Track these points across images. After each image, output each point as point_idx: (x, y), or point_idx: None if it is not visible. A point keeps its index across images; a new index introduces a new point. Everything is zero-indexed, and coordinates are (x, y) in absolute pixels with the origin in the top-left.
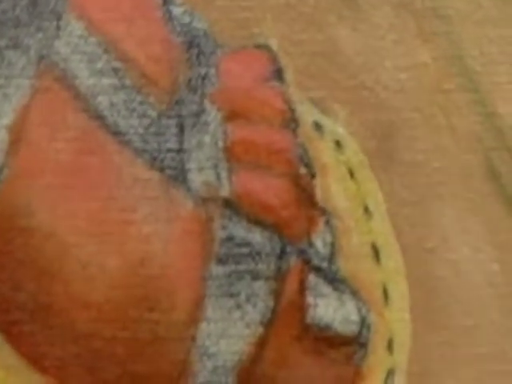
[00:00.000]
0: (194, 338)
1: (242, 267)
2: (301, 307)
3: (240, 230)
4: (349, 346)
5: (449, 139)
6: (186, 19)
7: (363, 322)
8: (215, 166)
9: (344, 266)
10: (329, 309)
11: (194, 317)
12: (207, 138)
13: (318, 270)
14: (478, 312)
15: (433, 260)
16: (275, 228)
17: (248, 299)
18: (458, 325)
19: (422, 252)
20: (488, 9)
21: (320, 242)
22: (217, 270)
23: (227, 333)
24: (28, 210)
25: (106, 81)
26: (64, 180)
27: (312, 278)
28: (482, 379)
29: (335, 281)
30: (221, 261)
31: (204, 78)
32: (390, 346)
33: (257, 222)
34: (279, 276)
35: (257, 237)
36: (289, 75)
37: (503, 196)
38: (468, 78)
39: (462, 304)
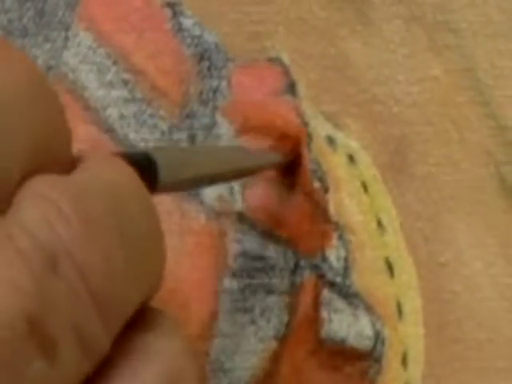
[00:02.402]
0: (208, 353)
1: (255, 282)
2: (315, 322)
3: (254, 244)
4: (363, 361)
5: (461, 153)
6: (197, 31)
7: (377, 337)
8: None
9: (358, 281)
10: (343, 324)
11: (208, 331)
12: None
13: (331, 284)
14: (491, 326)
15: (446, 274)
16: (289, 242)
17: (262, 314)
18: (471, 339)
19: (435, 266)
20: (499, 23)
21: (334, 256)
22: (230, 284)
23: (241, 348)
24: None
25: (115, 93)
26: None
27: (326, 293)
28: None
29: (349, 295)
30: (234, 275)
31: (215, 91)
32: (404, 361)
33: (270, 237)
34: (293, 291)
35: (270, 251)
36: (301, 89)
37: None
38: (480, 92)
39: (475, 318)
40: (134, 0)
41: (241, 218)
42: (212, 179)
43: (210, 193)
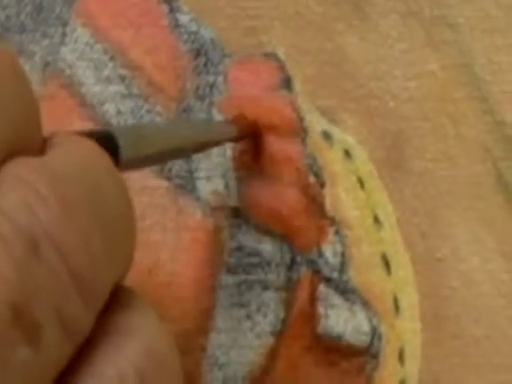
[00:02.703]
0: (204, 349)
1: (251, 277)
2: (311, 318)
3: (249, 239)
4: (360, 357)
5: (457, 148)
6: (194, 27)
7: (374, 333)
8: (224, 175)
9: (354, 276)
10: (339, 319)
11: (204, 327)
12: (215, 147)
13: (328, 280)
14: (488, 322)
15: (443, 270)
16: (285, 238)
17: (258, 309)
18: (469, 335)
19: (432, 262)
20: (497, 18)
21: (330, 252)
22: (226, 279)
23: (237, 343)
24: None
25: (112, 88)
26: None
27: (322, 289)
28: None
29: (346, 291)
30: (230, 270)
31: (212, 86)
32: (401, 357)
33: (266, 232)
34: (289, 286)
35: (266, 246)
36: (297, 84)
37: None
38: (477, 87)
39: (472, 314)
40: None
41: (236, 213)
42: (173, 154)
43: (205, 188)
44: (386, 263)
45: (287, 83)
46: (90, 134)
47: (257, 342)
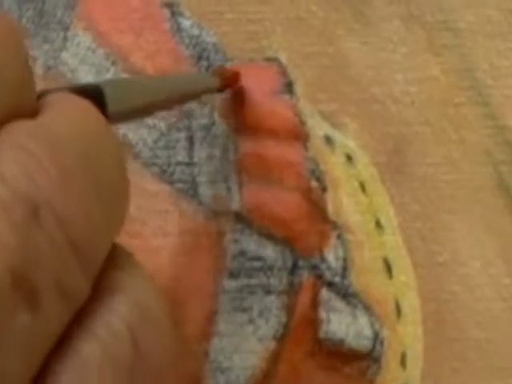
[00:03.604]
0: (206, 353)
1: (253, 281)
2: (313, 322)
3: (251, 244)
4: (362, 362)
5: (459, 152)
6: (196, 32)
7: (376, 337)
8: (226, 180)
9: (356, 281)
10: (342, 324)
11: (206, 331)
12: (217, 151)
13: (330, 284)
14: (489, 326)
15: (444, 274)
16: (287, 242)
17: (260, 314)
18: (470, 338)
19: (434, 266)
20: (498, 22)
21: (332, 256)
22: (228, 284)
23: (240, 348)
24: None
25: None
26: None
27: (324, 293)
28: None
29: (348, 295)
30: (232, 275)
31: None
32: (403, 361)
33: (268, 236)
34: (291, 291)
35: (268, 251)
36: (299, 88)
37: None
38: (478, 92)
39: (473, 318)
40: (132, 0)
41: (238, 217)
42: (158, 106)
43: (208, 192)
44: (388, 267)
45: (289, 87)
46: (79, 89)
47: (259, 346)
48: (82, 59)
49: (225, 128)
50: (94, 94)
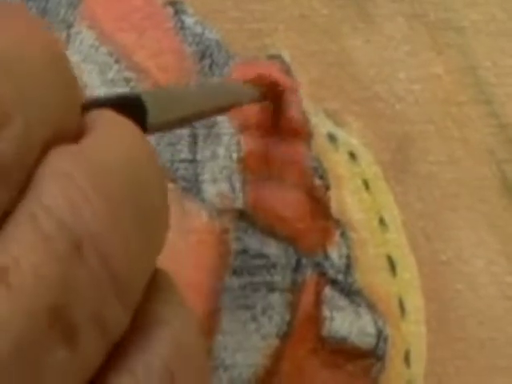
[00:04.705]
0: (210, 350)
1: (257, 279)
2: (317, 320)
3: (255, 242)
4: (366, 359)
5: (462, 151)
6: (198, 30)
7: (380, 335)
8: (229, 178)
9: (360, 279)
10: (345, 321)
11: (210, 329)
12: (221, 150)
13: (333, 282)
14: (492, 324)
15: (447, 272)
16: (290, 240)
17: (264, 312)
18: (473, 337)
19: (437, 264)
20: (502, 21)
21: (335, 254)
22: (232, 282)
23: (243, 345)
24: None
25: (117, 91)
26: None
27: (328, 291)
28: None
29: (351, 293)
30: (236, 273)
31: None
32: (406, 359)
33: (272, 234)
34: (295, 288)
35: (272, 249)
36: (302, 87)
37: None
38: (481, 90)
39: (476, 316)
40: None
41: (241, 215)
42: (197, 116)
43: (211, 190)
44: (392, 265)
45: None
46: (118, 99)
47: (262, 344)
48: (85, 57)
49: (228, 126)
50: (134, 105)
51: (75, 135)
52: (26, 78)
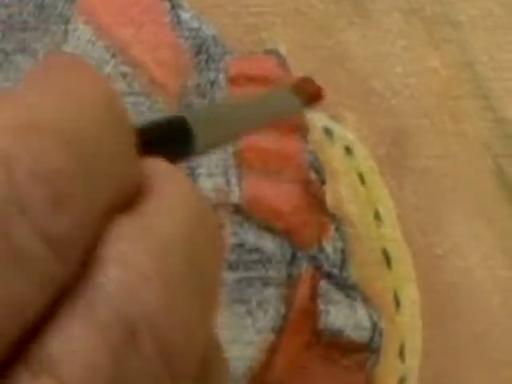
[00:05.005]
0: None
1: (252, 274)
2: (312, 314)
3: (250, 236)
4: (360, 353)
5: (458, 145)
6: (195, 24)
7: (375, 329)
8: (225, 172)
9: (355, 273)
10: (340, 315)
11: None
12: None
13: (329, 276)
14: (488, 318)
15: (443, 266)
16: (285, 234)
17: (259, 306)
18: (469, 331)
19: (432, 258)
20: (498, 15)
21: (331, 248)
22: (227, 276)
23: (238, 339)
24: None
25: (114, 85)
26: None
27: (323, 285)
28: None
29: (346, 287)
30: (231, 267)
31: (213, 83)
32: (401, 353)
33: (267, 229)
34: (290, 282)
35: (267, 243)
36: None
37: None
38: (478, 85)
39: (472, 310)
40: None
41: (237, 209)
42: (242, 133)
43: (207, 185)
44: (387, 259)
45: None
46: (164, 123)
47: (257, 338)
48: (82, 52)
49: None
50: (179, 128)
51: (135, 192)
52: (89, 146)
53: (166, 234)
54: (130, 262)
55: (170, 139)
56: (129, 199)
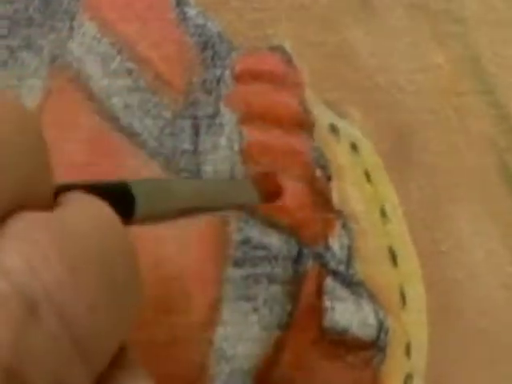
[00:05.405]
0: (211, 341)
1: (258, 270)
2: (318, 311)
3: (256, 232)
4: (367, 350)
5: (463, 141)
6: (201, 20)
7: (381, 326)
8: (231, 169)
9: (361, 269)
10: (346, 312)
11: (211, 320)
12: (223, 140)
13: (335, 273)
14: (492, 314)
15: (447, 262)
16: (291, 231)
17: (265, 303)
18: (473, 327)
19: (437, 254)
20: (502, 11)
21: (337, 245)
22: (233, 273)
23: (244, 336)
24: None
25: (120, 82)
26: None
27: (329, 282)
28: (498, 382)
29: (352, 284)
30: (237, 264)
31: (219, 79)
32: (407, 350)
33: (273, 225)
34: (296, 279)
35: (273, 240)
36: (303, 77)
37: None
38: (482, 80)
39: (476, 306)
40: None
41: (243, 206)
42: (187, 212)
43: None
44: (393, 256)
45: None
46: (107, 187)
47: (263, 334)
48: (87, 49)
49: (230, 117)
50: (122, 193)
51: (45, 208)
52: None
53: (71, 222)
54: (29, 239)
55: (110, 202)
56: (41, 207)
